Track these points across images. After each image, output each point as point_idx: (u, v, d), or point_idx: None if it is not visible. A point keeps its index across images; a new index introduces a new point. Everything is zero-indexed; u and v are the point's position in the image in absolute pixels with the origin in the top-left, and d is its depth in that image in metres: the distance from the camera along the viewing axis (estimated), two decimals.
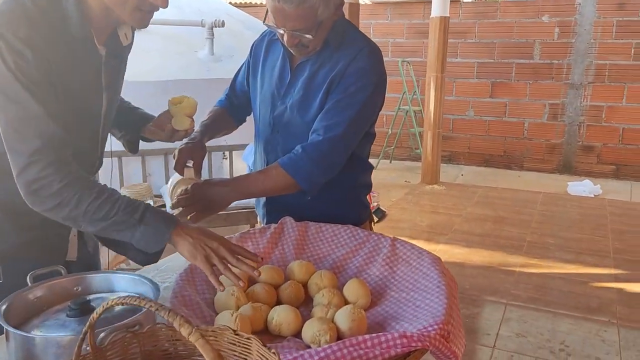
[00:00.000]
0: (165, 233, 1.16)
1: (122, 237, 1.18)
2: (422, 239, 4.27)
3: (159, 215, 1.18)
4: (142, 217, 1.15)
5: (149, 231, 1.15)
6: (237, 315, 1.12)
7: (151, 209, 1.18)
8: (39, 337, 0.99)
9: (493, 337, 2.84)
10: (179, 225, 1.18)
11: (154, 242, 1.17)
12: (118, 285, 1.19)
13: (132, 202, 1.17)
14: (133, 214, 1.15)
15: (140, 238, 1.16)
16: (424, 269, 1.36)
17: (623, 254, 3.99)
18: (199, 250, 1.15)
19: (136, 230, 1.15)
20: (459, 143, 7.12)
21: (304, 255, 1.48)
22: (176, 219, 1.21)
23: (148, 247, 1.17)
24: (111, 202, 1.15)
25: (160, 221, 1.17)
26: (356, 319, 1.15)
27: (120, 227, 1.16)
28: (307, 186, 1.50)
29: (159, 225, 1.16)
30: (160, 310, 0.70)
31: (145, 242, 1.17)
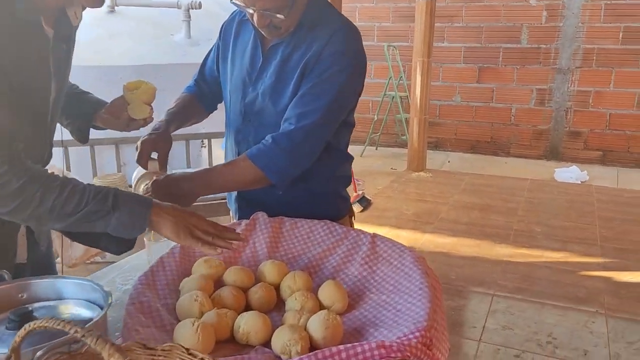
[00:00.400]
0: (144, 215, 1.10)
1: (96, 228, 1.08)
2: (407, 228, 4.19)
3: (132, 198, 1.11)
4: (115, 203, 1.07)
5: (124, 217, 1.08)
6: (199, 324, 1.01)
7: (122, 193, 1.10)
8: None
9: (479, 330, 2.77)
10: (155, 206, 1.11)
11: (133, 227, 1.10)
12: (66, 292, 1.08)
13: (100, 190, 1.08)
14: (105, 201, 1.07)
15: (117, 225, 1.08)
16: (406, 268, 1.26)
17: (610, 242, 3.94)
18: (181, 227, 1.11)
19: (111, 218, 1.07)
20: (445, 129, 7.03)
21: (277, 254, 1.38)
22: (150, 199, 1.14)
23: (127, 233, 1.10)
24: (79, 194, 1.05)
25: (135, 204, 1.10)
26: (330, 327, 1.05)
27: (92, 218, 1.07)
28: (277, 180, 1.39)
29: (134, 208, 1.09)
30: (87, 336, 0.59)
31: (124, 228, 1.09)
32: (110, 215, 1.07)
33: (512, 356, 2.54)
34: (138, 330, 1.02)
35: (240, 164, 1.39)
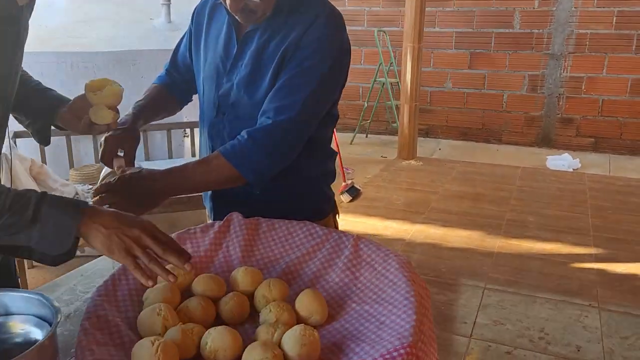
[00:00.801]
0: (71, 228, 0.94)
1: (18, 242, 0.94)
2: (397, 219, 4.10)
3: (59, 207, 0.95)
4: (36, 213, 0.92)
5: (48, 230, 0.93)
6: (159, 343, 0.91)
7: (48, 199, 0.95)
8: None
9: (470, 325, 2.69)
10: (87, 214, 0.95)
11: (59, 242, 0.94)
12: (14, 307, 0.97)
13: (21, 196, 0.94)
14: (24, 211, 0.92)
15: (39, 240, 0.94)
16: (391, 275, 1.16)
17: (603, 232, 3.87)
18: (114, 242, 0.95)
19: (32, 231, 0.93)
20: (436, 116, 6.93)
21: (252, 259, 1.28)
22: (83, 205, 0.97)
23: (52, 249, 0.95)
24: None
25: (61, 214, 0.94)
26: (307, 343, 0.96)
27: (11, 231, 0.92)
28: (253, 179, 1.29)
29: (60, 218, 0.94)
30: None
31: (48, 244, 0.94)
32: (31, 228, 0.92)
33: (504, 353, 2.48)
34: (93, 350, 0.92)
35: (213, 162, 1.28)
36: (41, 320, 0.95)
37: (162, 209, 2.83)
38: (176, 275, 0.99)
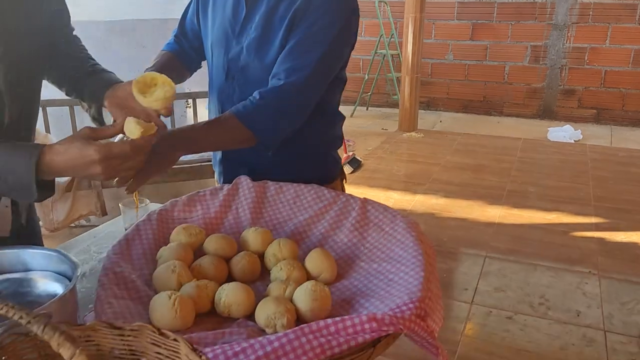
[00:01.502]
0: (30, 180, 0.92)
1: None
2: (398, 190, 4.13)
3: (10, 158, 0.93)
4: None
5: (10, 184, 0.93)
6: (176, 297, 0.94)
7: (3, 150, 0.93)
8: None
9: (471, 292, 2.74)
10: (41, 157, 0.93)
11: (25, 192, 0.94)
12: (33, 263, 0.99)
13: None
14: None
15: (8, 192, 0.96)
16: (398, 235, 1.18)
17: (604, 202, 3.90)
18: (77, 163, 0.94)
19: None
20: (437, 88, 6.90)
21: (261, 221, 1.30)
22: (34, 148, 0.94)
23: (23, 197, 0.97)
24: None
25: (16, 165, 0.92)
26: (318, 298, 0.98)
27: None
28: (265, 140, 1.30)
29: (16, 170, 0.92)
30: (33, 324, 0.51)
31: (17, 194, 0.96)
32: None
33: (505, 318, 2.52)
34: (112, 303, 0.95)
35: (226, 122, 1.28)
36: (60, 276, 0.97)
37: (167, 179, 2.86)
38: None
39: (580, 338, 2.37)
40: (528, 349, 2.30)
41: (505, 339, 2.37)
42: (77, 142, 0.94)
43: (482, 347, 2.32)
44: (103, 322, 0.69)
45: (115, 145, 0.96)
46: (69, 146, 0.94)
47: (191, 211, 1.29)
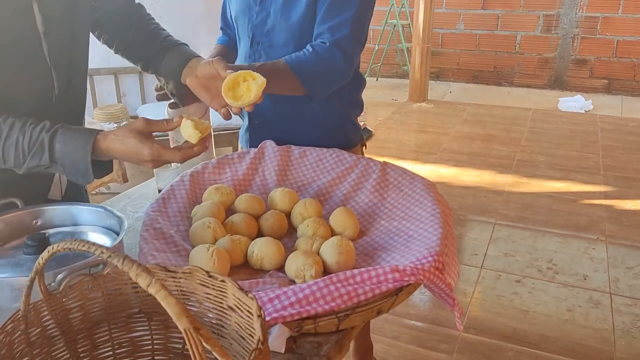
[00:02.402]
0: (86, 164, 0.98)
1: (53, 172, 1.05)
2: (409, 159, 4.19)
3: (70, 145, 0.98)
4: (52, 155, 0.98)
5: (68, 167, 0.99)
6: (214, 249, 1.02)
7: (58, 140, 0.98)
8: None
9: (481, 257, 2.82)
10: (98, 141, 0.99)
11: (81, 175, 1.00)
12: (81, 218, 1.07)
13: (35, 141, 0.98)
14: (41, 155, 0.98)
15: (66, 173, 1.01)
16: (417, 195, 1.25)
17: (613, 171, 3.95)
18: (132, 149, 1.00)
19: (56, 170, 1.00)
20: (448, 59, 6.88)
21: (286, 182, 1.37)
22: (94, 134, 1.00)
23: (79, 179, 1.01)
24: (13, 149, 0.98)
25: (74, 151, 0.98)
26: (344, 252, 1.06)
27: (40, 169, 1.00)
28: (313, 91, 1.37)
29: (74, 156, 0.98)
30: (113, 257, 0.59)
31: (74, 177, 1.01)
32: (53, 167, 0.99)
33: (513, 282, 2.61)
34: (154, 256, 1.03)
35: (279, 69, 1.32)
36: (107, 230, 1.05)
37: None
38: None
39: (587, 300, 2.46)
40: (535, 311, 2.39)
41: (514, 301, 2.45)
42: (133, 137, 0.99)
43: (491, 308, 2.41)
44: (159, 265, 0.77)
45: (167, 153, 1.01)
46: (124, 139, 0.99)
47: (220, 173, 1.37)
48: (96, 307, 0.78)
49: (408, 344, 2.18)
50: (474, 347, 2.16)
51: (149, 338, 0.83)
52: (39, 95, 1.12)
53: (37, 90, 1.11)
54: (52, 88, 1.14)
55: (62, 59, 1.14)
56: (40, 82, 1.12)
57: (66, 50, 1.15)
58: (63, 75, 1.16)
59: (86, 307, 0.77)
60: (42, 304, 0.72)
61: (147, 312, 0.82)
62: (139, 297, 0.82)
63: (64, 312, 0.75)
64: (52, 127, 0.99)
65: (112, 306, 0.80)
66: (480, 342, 2.19)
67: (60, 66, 1.14)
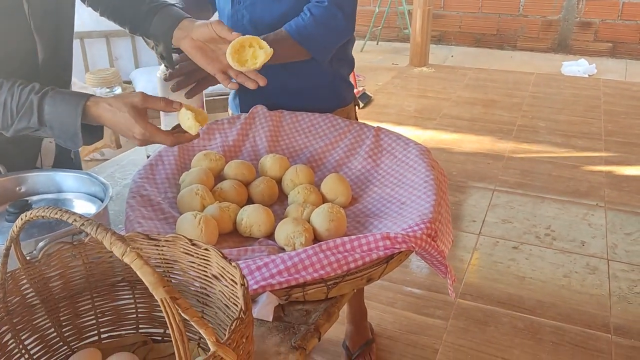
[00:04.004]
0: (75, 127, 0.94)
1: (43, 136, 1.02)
2: (409, 125, 4.14)
3: (60, 107, 0.94)
4: (41, 117, 0.95)
5: (57, 130, 0.95)
6: (201, 217, 1.00)
7: (48, 102, 0.95)
8: None
9: (479, 223, 2.81)
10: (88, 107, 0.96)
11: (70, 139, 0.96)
12: (65, 185, 1.05)
13: (24, 100, 0.94)
14: (30, 116, 0.94)
15: (55, 137, 0.97)
16: (411, 161, 1.23)
17: (614, 136, 3.91)
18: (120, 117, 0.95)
19: (45, 132, 0.97)
20: (449, 21, 6.75)
21: (278, 148, 1.34)
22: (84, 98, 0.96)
23: (68, 144, 0.97)
24: (0, 109, 0.95)
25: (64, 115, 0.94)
26: (335, 219, 1.04)
27: (29, 131, 0.97)
28: (317, 54, 1.36)
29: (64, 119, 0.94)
30: (86, 225, 0.57)
31: (63, 141, 0.97)
32: (42, 130, 0.96)
33: (511, 248, 2.60)
34: (140, 223, 1.01)
35: (281, 38, 1.30)
36: (92, 197, 1.03)
37: None
38: None
39: (584, 266, 2.45)
40: (532, 277, 2.38)
41: (511, 267, 2.45)
42: (127, 112, 0.94)
43: (488, 275, 2.41)
44: (141, 233, 0.75)
45: (159, 135, 0.97)
46: (117, 112, 0.95)
47: (210, 139, 1.34)
48: (77, 275, 0.77)
49: (404, 310, 2.19)
50: (470, 313, 2.17)
51: (133, 306, 0.81)
52: (23, 61, 1.09)
53: (21, 57, 1.08)
54: (35, 54, 1.11)
55: (46, 22, 1.10)
56: (23, 46, 1.09)
57: (49, 13, 1.11)
58: (47, 40, 1.12)
59: (67, 275, 0.76)
60: (21, 272, 0.71)
61: (130, 280, 0.81)
62: (122, 265, 0.80)
63: (43, 281, 0.73)
64: (41, 89, 0.96)
65: (94, 274, 0.78)
66: (476, 308, 2.19)
67: (43, 30, 1.10)
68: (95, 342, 0.79)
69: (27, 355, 0.72)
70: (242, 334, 0.62)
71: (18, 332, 0.71)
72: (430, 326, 2.09)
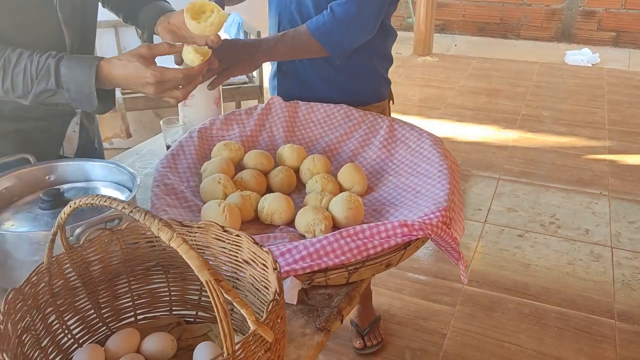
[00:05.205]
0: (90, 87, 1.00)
1: (59, 101, 1.05)
2: (413, 114, 4.17)
3: (75, 68, 1.01)
4: (58, 79, 1.01)
5: (73, 92, 1.01)
6: (225, 204, 1.04)
7: (64, 65, 1.01)
8: (9, 234, 0.90)
9: (484, 212, 2.85)
10: (101, 66, 1.02)
11: (86, 101, 1.03)
12: (94, 174, 1.09)
13: (42, 64, 1.00)
14: (48, 78, 1.00)
15: (71, 100, 1.03)
16: (425, 151, 1.26)
17: (618, 125, 3.93)
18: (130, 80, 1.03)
19: (62, 94, 1.02)
20: (453, 10, 6.74)
21: (294, 138, 1.38)
22: (97, 60, 1.02)
23: (84, 106, 1.04)
24: (21, 75, 1.01)
25: (79, 75, 1.00)
26: (353, 207, 1.08)
27: (46, 97, 1.02)
28: (333, 51, 1.39)
29: (79, 80, 1.01)
30: (135, 212, 0.60)
31: (79, 103, 1.03)
32: (59, 92, 1.01)
33: (516, 236, 2.64)
34: (166, 211, 1.05)
35: (300, 34, 1.37)
36: (119, 185, 1.07)
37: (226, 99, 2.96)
38: None
39: (588, 254, 2.50)
40: (537, 264, 2.43)
41: (516, 255, 2.50)
42: (135, 61, 1.01)
43: (493, 262, 2.45)
44: (175, 220, 0.79)
45: (169, 72, 1.04)
46: (128, 63, 1.01)
47: (228, 129, 1.37)
48: (115, 260, 0.81)
49: (412, 297, 2.23)
50: (476, 299, 2.21)
51: (167, 290, 0.85)
52: None
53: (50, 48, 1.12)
54: (64, 46, 1.15)
55: (74, 15, 1.15)
56: (52, 38, 1.13)
57: (77, 7, 1.16)
58: (74, 33, 1.17)
59: (105, 259, 0.80)
60: (64, 257, 0.75)
61: (164, 265, 0.85)
62: (156, 251, 0.84)
63: (84, 265, 0.77)
64: (58, 54, 1.02)
65: (130, 259, 0.82)
66: (482, 294, 2.24)
67: (71, 23, 1.15)
68: (132, 323, 0.83)
69: (70, 335, 0.76)
70: (277, 315, 0.66)
71: (62, 313, 0.75)
72: (438, 312, 2.14)
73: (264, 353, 0.63)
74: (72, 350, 0.76)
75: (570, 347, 1.97)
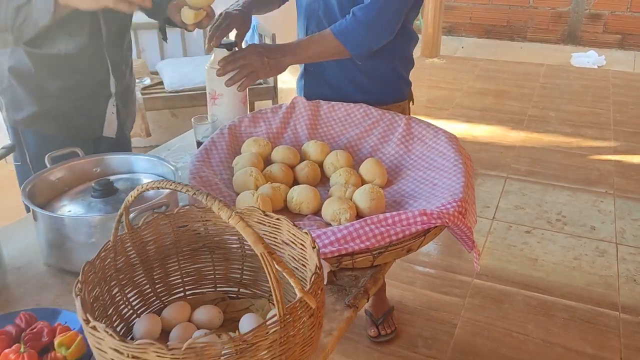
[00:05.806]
0: None
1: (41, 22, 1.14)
2: (421, 115, 4.22)
3: None
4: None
5: None
6: (258, 194, 1.13)
7: None
8: (68, 217, 1.00)
9: (493, 209, 2.93)
10: None
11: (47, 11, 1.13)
12: (137, 166, 1.19)
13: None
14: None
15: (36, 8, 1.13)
16: (440, 147, 1.35)
17: (623, 126, 4.01)
18: None
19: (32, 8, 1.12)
20: (460, 13, 6.82)
21: (317, 135, 1.47)
22: None
23: None
24: None
25: None
26: (375, 198, 1.17)
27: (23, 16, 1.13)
28: (355, 52, 1.47)
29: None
30: (198, 194, 0.70)
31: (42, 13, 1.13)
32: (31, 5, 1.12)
33: (523, 232, 2.72)
34: None
35: (324, 37, 1.46)
36: (159, 177, 1.16)
37: None
38: None
39: (594, 250, 2.58)
40: (544, 259, 2.51)
41: (523, 250, 2.58)
42: None
43: (501, 257, 2.54)
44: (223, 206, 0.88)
45: None
46: None
47: (256, 126, 1.46)
48: (167, 241, 0.90)
49: (423, 289, 2.32)
50: (486, 292, 2.30)
51: (212, 269, 0.95)
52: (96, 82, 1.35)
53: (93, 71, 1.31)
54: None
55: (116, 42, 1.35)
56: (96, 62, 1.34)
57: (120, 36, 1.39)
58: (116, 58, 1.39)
59: (159, 240, 0.89)
60: (126, 237, 0.84)
61: (209, 246, 0.94)
62: (202, 234, 0.93)
63: (142, 244, 0.86)
64: None
65: (180, 240, 0.91)
66: (491, 287, 2.32)
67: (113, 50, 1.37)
68: (181, 298, 0.92)
69: (130, 307, 0.85)
70: (318, 286, 0.75)
71: (123, 287, 0.84)
72: (449, 303, 2.23)
73: (308, 318, 0.72)
74: (132, 320, 0.85)
75: (576, 337, 2.05)
